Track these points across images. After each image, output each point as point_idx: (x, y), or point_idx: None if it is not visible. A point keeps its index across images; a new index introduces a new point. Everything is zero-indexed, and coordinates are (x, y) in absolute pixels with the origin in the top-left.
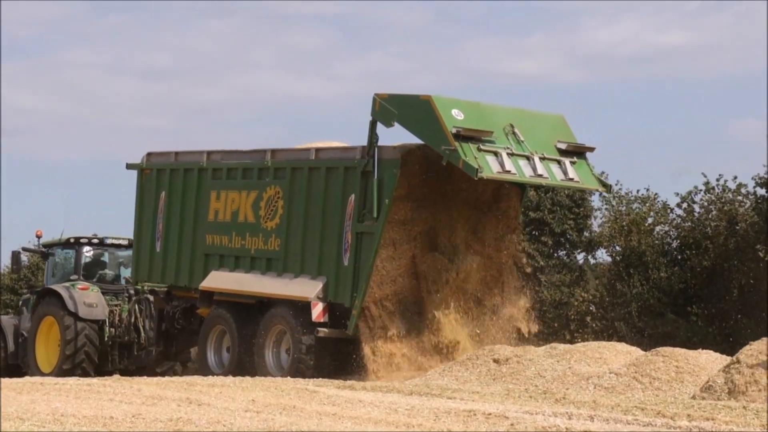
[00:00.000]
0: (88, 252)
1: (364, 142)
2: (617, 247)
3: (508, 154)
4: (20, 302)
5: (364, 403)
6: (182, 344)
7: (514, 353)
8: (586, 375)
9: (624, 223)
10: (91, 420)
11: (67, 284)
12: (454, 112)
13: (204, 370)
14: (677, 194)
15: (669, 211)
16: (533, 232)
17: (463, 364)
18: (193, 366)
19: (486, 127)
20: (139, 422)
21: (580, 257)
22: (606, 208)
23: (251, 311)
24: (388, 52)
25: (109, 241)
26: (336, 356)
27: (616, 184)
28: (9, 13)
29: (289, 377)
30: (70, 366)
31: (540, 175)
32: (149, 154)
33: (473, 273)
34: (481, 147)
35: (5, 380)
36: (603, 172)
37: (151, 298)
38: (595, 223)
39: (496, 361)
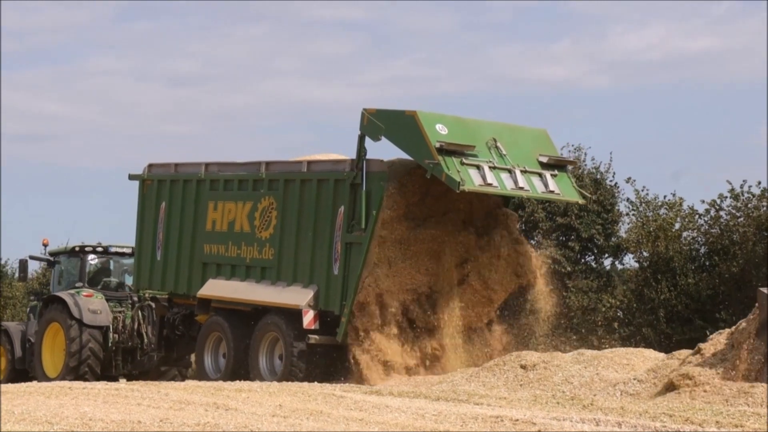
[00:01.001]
0: (92, 260)
1: (389, 151)
2: (644, 253)
3: (490, 167)
4: (28, 309)
5: (391, 408)
6: (183, 350)
7: (542, 359)
8: (614, 381)
9: (651, 229)
10: (119, 424)
11: (72, 291)
12: (438, 126)
13: (201, 375)
14: (703, 201)
15: (697, 216)
16: (560, 238)
17: (490, 369)
18: (192, 371)
19: (469, 142)
20: (167, 427)
21: (608, 263)
22: (633, 214)
23: (246, 318)
24: (414, 59)
25: (113, 250)
26: (327, 362)
27: (643, 190)
28: (35, 20)
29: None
30: (75, 371)
31: (521, 188)
32: (150, 166)
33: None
34: (464, 161)
35: (33, 384)
36: (630, 178)
37: (153, 305)
38: (623, 229)
39: (523, 367)
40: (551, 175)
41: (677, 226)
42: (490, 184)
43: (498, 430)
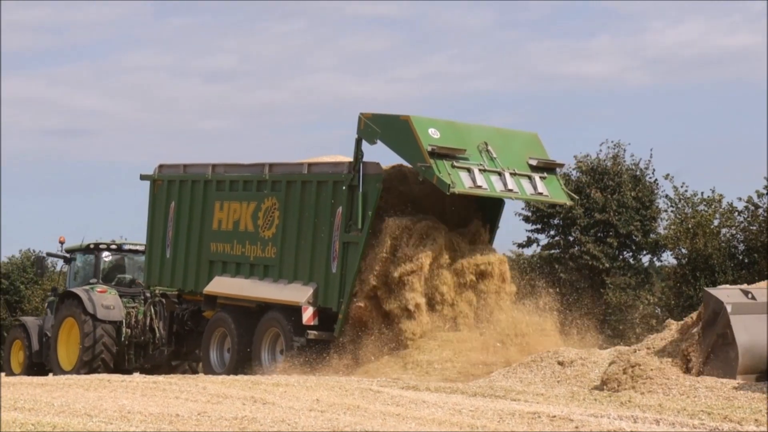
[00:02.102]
0: (106, 257)
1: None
2: (683, 250)
3: (480, 170)
4: (45, 304)
5: (428, 403)
6: (192, 344)
7: (579, 355)
8: (651, 378)
9: (689, 225)
10: (158, 417)
11: (87, 287)
12: (431, 131)
13: (207, 369)
14: (740, 198)
15: (736, 213)
16: (598, 234)
17: (527, 366)
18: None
19: (461, 145)
20: (205, 420)
21: (646, 259)
22: (672, 210)
23: (250, 314)
24: (450, 55)
25: (126, 247)
26: (326, 356)
27: (682, 186)
28: (72, 16)
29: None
30: (89, 364)
31: (510, 190)
32: (161, 166)
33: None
34: (455, 164)
35: (73, 377)
36: (668, 174)
37: (164, 301)
38: (661, 225)
39: (560, 363)
40: (540, 177)
41: (716, 222)
42: (479, 186)
43: (535, 427)
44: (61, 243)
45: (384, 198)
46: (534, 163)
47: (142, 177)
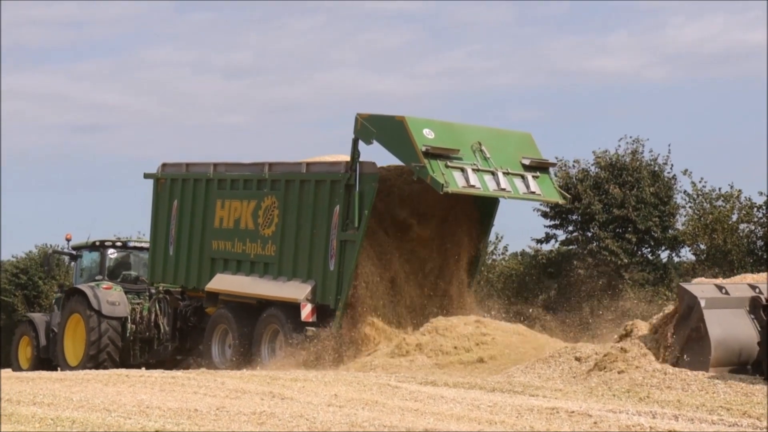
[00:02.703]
0: (112, 254)
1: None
2: (701, 245)
3: (473, 169)
4: (53, 300)
5: (446, 399)
6: (195, 340)
7: (595, 351)
8: (671, 374)
9: (708, 221)
10: (176, 412)
11: (93, 284)
12: (426, 131)
13: (209, 365)
14: (761, 193)
15: (754, 209)
16: (617, 230)
17: (545, 361)
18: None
19: (455, 146)
20: (223, 415)
21: (664, 255)
22: (690, 206)
23: (251, 311)
24: (470, 51)
25: (131, 244)
26: (323, 351)
27: (701, 182)
28: (93, 12)
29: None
30: (95, 360)
31: (503, 189)
32: (164, 165)
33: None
34: (449, 164)
35: (91, 372)
36: (686, 170)
37: (168, 297)
38: (680, 221)
39: (578, 359)
40: (533, 176)
41: (734, 218)
42: (473, 186)
43: (553, 422)
44: (68, 240)
45: (383, 198)
46: (527, 162)
47: (146, 175)
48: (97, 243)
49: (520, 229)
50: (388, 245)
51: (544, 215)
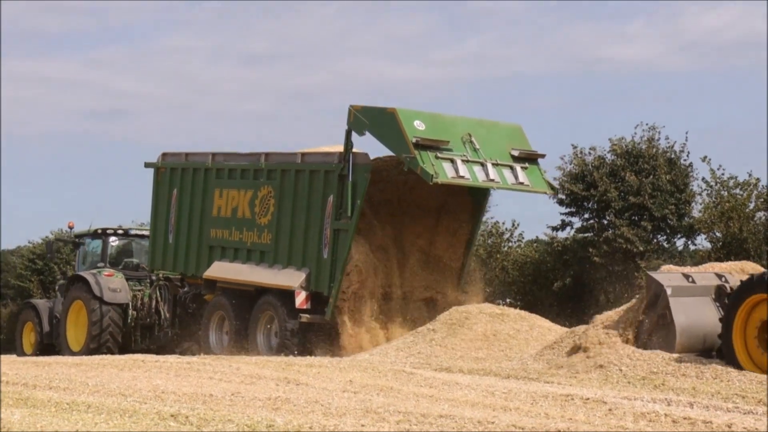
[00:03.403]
0: (114, 242)
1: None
2: (717, 234)
3: (463, 160)
4: (57, 287)
5: (461, 385)
6: (194, 326)
7: (599, 339)
8: (686, 361)
9: (724, 209)
10: (191, 397)
11: (95, 271)
12: (416, 123)
13: (206, 350)
14: None
15: None
16: (633, 217)
17: (556, 348)
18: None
19: (445, 137)
20: (238, 400)
21: (680, 243)
22: (707, 194)
23: (247, 298)
24: (487, 38)
25: (133, 232)
26: (317, 338)
27: (718, 169)
28: (114, 1)
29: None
30: (96, 346)
31: (492, 180)
32: (164, 155)
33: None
34: (439, 155)
35: (107, 357)
36: (706, 157)
37: (168, 284)
38: (696, 209)
39: (584, 349)
40: (522, 167)
41: (751, 206)
42: (462, 177)
43: (568, 409)
44: (71, 228)
45: (379, 187)
46: (516, 153)
47: (147, 165)
48: (99, 231)
49: (535, 216)
50: (383, 234)
51: (560, 202)
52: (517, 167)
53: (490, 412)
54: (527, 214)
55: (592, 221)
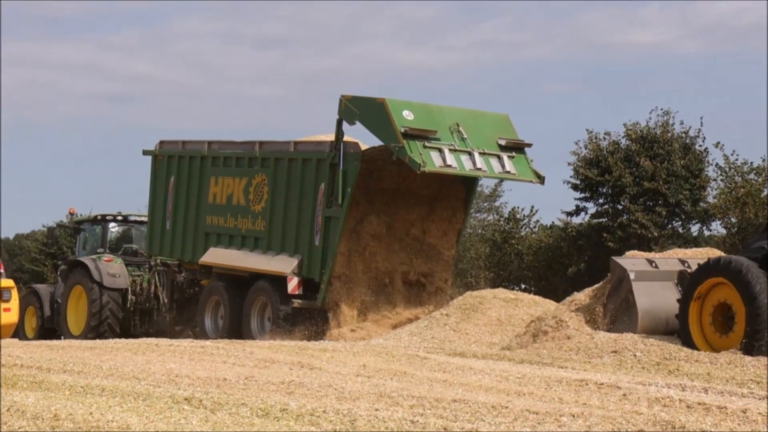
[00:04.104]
0: (113, 228)
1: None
2: (732, 219)
3: (450, 150)
4: (58, 272)
5: (474, 370)
6: (192, 311)
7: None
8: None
9: (739, 194)
10: (205, 381)
11: (94, 257)
12: (405, 113)
13: (202, 335)
14: None
15: None
16: (647, 203)
17: (566, 334)
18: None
19: (433, 127)
20: (252, 384)
21: (695, 229)
22: (721, 179)
23: (241, 284)
24: (501, 23)
25: (132, 218)
26: (309, 323)
27: (732, 154)
28: None
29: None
30: (96, 330)
31: (479, 169)
32: (161, 143)
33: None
34: (427, 144)
35: (121, 341)
36: (719, 143)
37: (165, 269)
38: (711, 194)
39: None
40: (509, 156)
41: (766, 191)
42: (449, 166)
43: (582, 394)
44: (71, 214)
45: (374, 176)
46: (503, 143)
47: (145, 152)
48: (99, 217)
49: (550, 201)
50: (378, 222)
51: (575, 188)
52: (504, 156)
53: (504, 396)
54: (543, 200)
55: (606, 206)
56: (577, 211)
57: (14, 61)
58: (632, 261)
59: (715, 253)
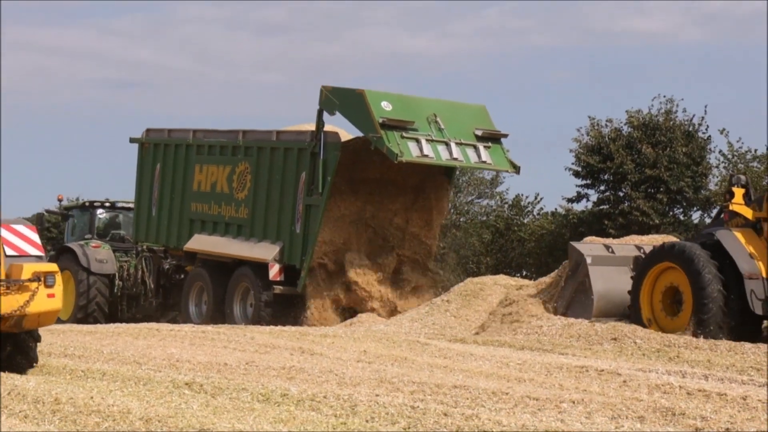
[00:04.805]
0: (101, 214)
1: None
2: None
3: (427, 140)
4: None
5: (475, 356)
6: (177, 296)
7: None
8: (701, 335)
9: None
10: (206, 366)
11: (82, 242)
12: (384, 104)
13: (186, 320)
14: None
15: None
16: (648, 190)
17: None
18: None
19: (411, 118)
20: (253, 369)
21: (696, 216)
22: (724, 166)
23: (225, 270)
24: (505, 9)
25: (120, 205)
26: (290, 309)
27: (738, 141)
28: None
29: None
30: (84, 315)
31: (455, 159)
32: (148, 131)
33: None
34: (404, 134)
35: (122, 326)
36: (724, 129)
37: (152, 255)
38: (713, 182)
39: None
40: (485, 146)
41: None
42: (426, 156)
43: (583, 381)
44: (60, 201)
45: (360, 167)
46: (479, 133)
47: (132, 140)
48: (87, 203)
49: (551, 187)
50: (361, 212)
51: (576, 174)
52: (481, 146)
53: (505, 383)
54: (545, 187)
55: (608, 193)
56: (579, 197)
57: (13, 46)
58: (590, 246)
59: (672, 240)
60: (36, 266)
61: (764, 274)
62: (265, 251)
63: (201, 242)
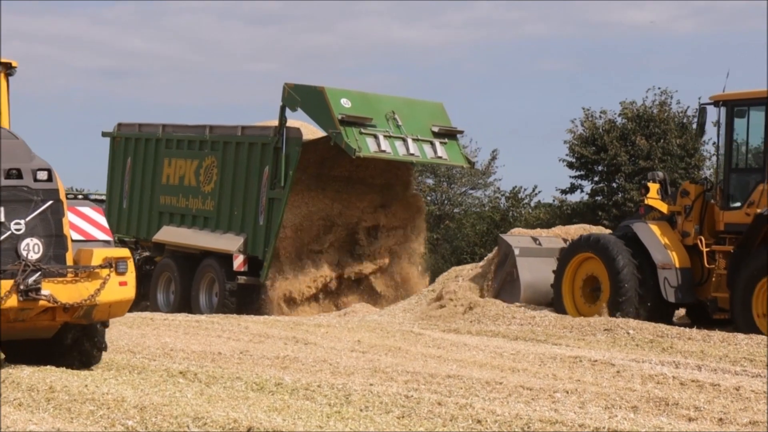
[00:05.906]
0: None
1: (466, 91)
2: None
3: (385, 136)
4: None
5: (469, 346)
6: (147, 287)
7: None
8: (694, 325)
9: None
10: (200, 355)
11: None
12: (343, 101)
13: (155, 309)
14: None
15: None
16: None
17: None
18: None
19: (370, 114)
20: (247, 359)
21: None
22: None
23: (191, 261)
24: (498, 1)
25: (92, 197)
26: (253, 298)
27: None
28: None
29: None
30: None
31: (412, 154)
32: (120, 125)
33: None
34: (362, 131)
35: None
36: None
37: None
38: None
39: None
40: (441, 142)
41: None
42: (383, 151)
43: (576, 371)
44: None
45: (328, 164)
46: (436, 129)
47: (104, 134)
48: None
49: (545, 178)
50: (329, 208)
51: (570, 166)
52: (437, 142)
53: (498, 372)
54: (539, 178)
55: (601, 185)
56: (572, 189)
57: (5, 36)
58: (518, 238)
59: (597, 230)
60: (107, 251)
61: (677, 265)
62: (230, 243)
63: (169, 234)
